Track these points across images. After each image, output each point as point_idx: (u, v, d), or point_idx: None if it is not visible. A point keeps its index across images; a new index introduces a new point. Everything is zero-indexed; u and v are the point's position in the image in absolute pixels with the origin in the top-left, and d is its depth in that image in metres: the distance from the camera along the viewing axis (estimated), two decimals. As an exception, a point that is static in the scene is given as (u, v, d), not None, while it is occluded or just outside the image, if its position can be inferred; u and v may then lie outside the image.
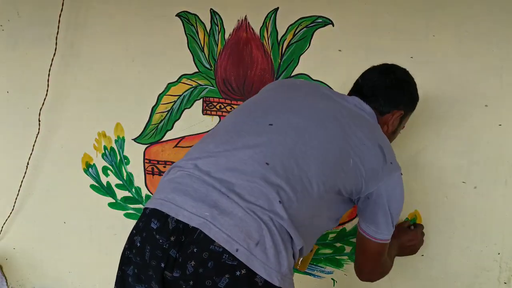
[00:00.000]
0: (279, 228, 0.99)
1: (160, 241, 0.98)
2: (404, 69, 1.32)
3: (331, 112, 1.17)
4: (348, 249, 1.65)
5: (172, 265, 0.97)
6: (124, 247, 1.08)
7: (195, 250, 0.95)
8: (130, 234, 1.07)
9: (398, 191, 1.20)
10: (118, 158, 1.86)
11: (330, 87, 1.51)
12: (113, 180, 1.88)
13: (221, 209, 0.97)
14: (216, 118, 1.74)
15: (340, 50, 1.58)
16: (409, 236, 1.50)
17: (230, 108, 1.72)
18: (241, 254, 0.94)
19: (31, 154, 1.90)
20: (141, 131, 1.82)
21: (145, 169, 1.84)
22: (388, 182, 1.16)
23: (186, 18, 1.72)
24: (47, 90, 1.85)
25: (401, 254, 1.49)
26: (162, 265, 0.98)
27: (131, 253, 1.04)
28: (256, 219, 0.97)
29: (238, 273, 0.93)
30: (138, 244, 1.02)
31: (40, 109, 1.86)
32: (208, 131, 1.74)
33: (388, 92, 1.26)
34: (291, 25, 1.62)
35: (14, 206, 1.95)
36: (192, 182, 1.03)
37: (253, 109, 1.22)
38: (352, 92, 1.32)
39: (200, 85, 1.74)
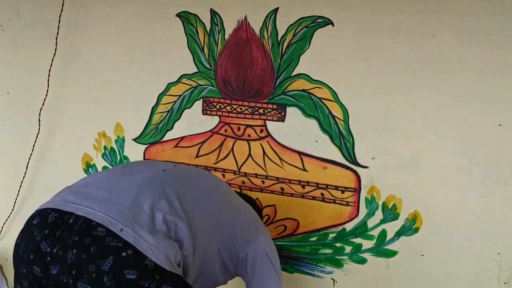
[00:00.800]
0: (169, 222, 1.01)
1: (35, 233, 0.97)
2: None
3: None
4: (348, 249, 1.65)
5: (42, 260, 0.94)
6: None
7: (76, 239, 0.93)
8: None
9: (272, 249, 1.32)
10: (118, 158, 1.86)
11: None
12: (113, 180, 1.87)
13: (108, 202, 1.00)
14: (216, 118, 1.74)
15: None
16: None
17: (230, 108, 1.72)
18: (127, 233, 0.92)
19: (31, 154, 1.90)
20: (141, 131, 1.82)
21: (145, 169, 1.84)
22: (262, 241, 1.28)
23: (186, 18, 1.72)
24: (47, 90, 1.85)
25: None
26: (31, 256, 0.96)
27: (14, 252, 1.04)
28: (144, 209, 1.00)
29: (124, 254, 0.90)
30: (18, 242, 1.02)
31: (40, 109, 1.87)
32: (208, 131, 1.74)
33: None
34: (291, 25, 1.62)
35: (14, 206, 1.95)
36: (86, 189, 1.07)
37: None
38: None
39: (200, 85, 1.74)
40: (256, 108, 1.68)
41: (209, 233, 1.12)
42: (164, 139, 1.80)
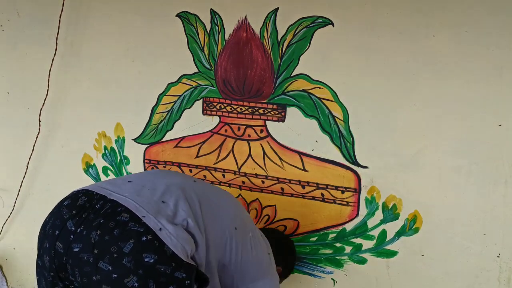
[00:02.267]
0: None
1: (63, 212, 1.04)
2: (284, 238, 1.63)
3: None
4: (348, 249, 1.65)
5: (66, 237, 0.99)
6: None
7: (101, 221, 0.98)
8: None
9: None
10: (118, 158, 1.86)
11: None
12: (113, 180, 1.88)
13: (139, 193, 1.07)
14: (216, 118, 1.74)
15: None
16: None
17: (230, 108, 1.72)
18: (149, 220, 0.98)
19: (31, 154, 1.90)
20: (141, 131, 1.82)
21: (145, 169, 1.84)
22: (267, 283, 1.30)
23: (186, 18, 1.72)
24: (47, 90, 1.85)
25: None
26: (57, 232, 1.01)
27: (41, 230, 1.10)
28: (169, 205, 1.07)
29: (144, 238, 0.96)
30: (47, 219, 1.08)
31: (40, 109, 1.87)
32: (208, 131, 1.74)
33: (279, 248, 1.46)
34: (291, 25, 1.62)
35: (14, 206, 1.95)
36: (120, 182, 1.15)
37: None
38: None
39: (200, 85, 1.74)
40: (256, 108, 1.68)
41: (218, 253, 1.16)
42: (164, 139, 1.80)
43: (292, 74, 1.63)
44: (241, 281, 1.23)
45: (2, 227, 1.98)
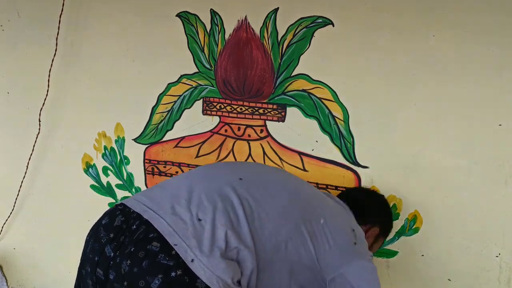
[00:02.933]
0: (232, 241, 0.99)
1: (101, 235, 1.02)
2: (382, 196, 1.52)
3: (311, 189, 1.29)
4: (348, 249, 1.65)
5: (105, 264, 0.97)
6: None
7: (132, 249, 0.95)
8: None
9: (366, 276, 1.14)
10: (118, 158, 1.86)
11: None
12: (113, 180, 1.88)
13: (174, 209, 1.01)
14: (216, 118, 1.74)
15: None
16: None
17: (230, 108, 1.72)
18: (180, 249, 0.93)
19: (31, 154, 1.90)
20: (141, 131, 1.82)
21: (145, 169, 1.84)
22: (355, 266, 1.12)
23: (186, 18, 1.72)
24: (47, 90, 1.85)
25: None
26: (96, 258, 0.99)
27: (84, 248, 1.09)
28: (206, 222, 1.00)
29: (173, 274, 0.91)
30: (88, 238, 1.08)
31: (40, 109, 1.87)
32: (208, 131, 1.74)
33: (364, 207, 1.37)
34: (291, 25, 1.62)
35: (14, 206, 1.96)
36: (160, 191, 1.11)
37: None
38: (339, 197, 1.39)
39: (200, 85, 1.74)
40: (256, 108, 1.68)
41: (278, 252, 1.06)
42: (164, 139, 1.80)
43: (292, 74, 1.63)
44: (323, 274, 1.11)
45: (2, 227, 1.98)
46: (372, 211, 1.42)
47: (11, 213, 1.96)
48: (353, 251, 1.14)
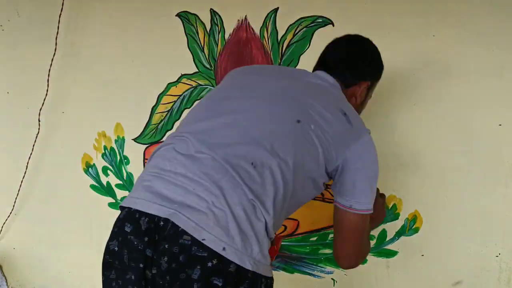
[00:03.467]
0: (248, 212, 1.00)
1: (135, 242, 1.01)
2: (368, 39, 1.31)
3: (284, 90, 1.16)
4: (348, 249, 1.65)
5: (150, 264, 0.99)
6: (104, 256, 1.09)
7: (166, 246, 0.97)
8: (106, 243, 1.09)
9: (372, 153, 1.17)
10: (118, 158, 1.86)
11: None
12: (113, 180, 1.88)
13: (188, 203, 1.00)
14: (216, 118, 1.73)
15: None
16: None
17: (230, 108, 1.72)
18: (210, 242, 0.95)
19: (31, 154, 1.90)
20: (141, 131, 1.82)
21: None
22: (359, 146, 1.14)
23: (186, 18, 1.72)
24: (47, 90, 1.85)
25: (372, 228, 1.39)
26: (141, 265, 1.00)
27: (110, 258, 1.07)
28: (220, 209, 0.99)
29: (210, 263, 0.95)
30: (116, 249, 1.05)
31: (40, 109, 1.86)
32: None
33: (354, 63, 1.26)
34: (291, 25, 1.62)
35: (14, 206, 1.95)
36: (162, 183, 1.06)
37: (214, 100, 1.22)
38: (317, 66, 1.29)
39: (200, 85, 1.74)
40: (256, 108, 1.68)
41: (304, 166, 1.08)
42: (164, 139, 1.80)
43: (292, 74, 1.63)
44: (326, 170, 1.13)
45: (2, 227, 1.98)
46: (357, 67, 1.26)
47: (11, 213, 1.95)
48: (350, 134, 1.14)
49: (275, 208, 1.04)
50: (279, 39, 1.63)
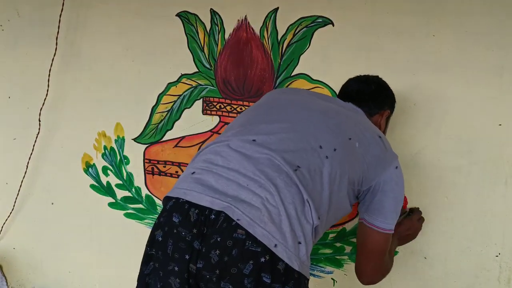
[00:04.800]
0: (298, 212, 1.02)
1: (183, 233, 1.00)
2: (379, 77, 1.42)
3: (332, 109, 1.24)
4: (348, 249, 1.65)
5: (196, 257, 0.99)
6: (146, 245, 1.09)
7: (218, 239, 0.97)
8: (150, 231, 1.08)
9: (402, 179, 1.25)
10: (118, 158, 1.86)
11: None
12: (113, 180, 1.88)
13: (241, 198, 1.01)
14: (216, 118, 1.73)
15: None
16: (406, 226, 1.46)
17: (230, 108, 1.72)
18: (263, 237, 0.97)
19: (31, 154, 1.90)
20: (141, 131, 1.82)
21: (145, 169, 1.84)
22: (392, 170, 1.21)
23: (186, 18, 1.72)
24: (47, 90, 1.85)
25: (401, 244, 1.49)
26: (187, 257, 0.99)
27: (152, 250, 1.06)
28: (274, 206, 1.00)
29: (262, 259, 0.96)
30: (160, 239, 1.04)
31: (40, 109, 1.86)
32: (208, 131, 1.74)
33: (375, 96, 1.37)
34: (291, 25, 1.62)
35: (14, 206, 1.95)
36: (213, 176, 1.07)
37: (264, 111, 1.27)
38: (341, 98, 1.37)
39: (200, 85, 1.74)
40: (256, 108, 1.68)
41: (344, 183, 1.13)
42: (164, 139, 1.80)
43: (292, 74, 1.63)
44: (367, 182, 1.19)
45: (2, 227, 1.98)
46: (378, 97, 1.37)
47: (11, 213, 1.95)
48: (385, 157, 1.21)
49: (322, 213, 1.08)
50: (279, 39, 1.64)
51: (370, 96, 1.35)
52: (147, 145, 1.82)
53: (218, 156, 1.09)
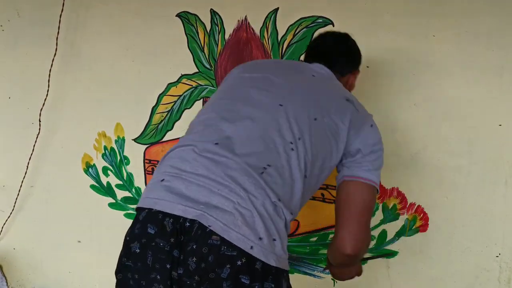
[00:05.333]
0: (270, 212, 1.03)
1: (161, 244, 1.01)
2: (348, 34, 1.38)
3: (295, 88, 1.21)
4: (348, 249, 1.65)
5: (177, 264, 1.00)
6: (120, 255, 1.08)
7: (194, 246, 0.98)
8: (124, 241, 1.07)
9: (377, 135, 1.23)
10: (118, 158, 1.86)
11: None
12: (113, 180, 1.88)
13: (214, 204, 1.02)
14: (216, 118, 1.73)
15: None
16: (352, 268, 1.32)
17: (230, 108, 1.72)
18: (238, 241, 0.98)
19: (31, 154, 1.90)
20: (141, 131, 1.82)
21: (145, 169, 1.84)
22: (366, 129, 1.20)
23: (186, 18, 1.72)
24: (47, 90, 1.85)
25: (335, 272, 1.34)
26: (168, 266, 1.00)
27: (128, 261, 1.05)
28: (246, 209, 1.01)
29: (239, 262, 0.97)
30: (138, 251, 1.03)
31: (40, 109, 1.87)
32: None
33: (348, 55, 1.35)
34: (291, 25, 1.62)
35: (14, 206, 1.96)
36: (183, 183, 1.06)
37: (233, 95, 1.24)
38: (311, 58, 1.33)
39: (200, 85, 1.74)
40: (256, 108, 1.68)
41: (323, 159, 1.14)
42: (164, 139, 1.80)
43: (292, 74, 1.63)
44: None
45: (2, 227, 1.98)
46: (351, 57, 1.35)
47: (11, 213, 1.96)
48: (358, 120, 1.19)
49: (295, 205, 1.09)
50: (279, 39, 1.64)
51: (342, 55, 1.32)
52: (147, 146, 1.82)
53: (185, 162, 1.09)
